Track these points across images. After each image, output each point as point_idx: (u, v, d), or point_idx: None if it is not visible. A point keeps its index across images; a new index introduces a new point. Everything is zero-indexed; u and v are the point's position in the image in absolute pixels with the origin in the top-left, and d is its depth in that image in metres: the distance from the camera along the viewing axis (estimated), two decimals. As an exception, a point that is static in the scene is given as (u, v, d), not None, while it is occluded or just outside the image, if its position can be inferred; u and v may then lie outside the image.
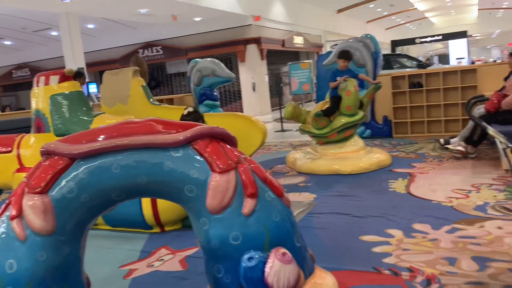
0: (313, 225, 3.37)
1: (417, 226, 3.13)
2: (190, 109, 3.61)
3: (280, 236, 1.98)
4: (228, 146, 2.06)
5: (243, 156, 2.08)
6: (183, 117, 3.52)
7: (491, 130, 2.65)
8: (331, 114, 5.19)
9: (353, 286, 2.32)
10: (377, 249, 2.79)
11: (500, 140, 2.55)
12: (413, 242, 2.85)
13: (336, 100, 5.13)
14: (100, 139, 1.91)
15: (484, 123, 2.76)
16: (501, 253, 2.55)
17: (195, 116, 3.50)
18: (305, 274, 2.04)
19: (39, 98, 3.67)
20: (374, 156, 5.11)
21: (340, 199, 3.97)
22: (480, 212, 3.24)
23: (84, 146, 1.87)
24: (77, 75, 4.18)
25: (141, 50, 16.33)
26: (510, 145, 2.48)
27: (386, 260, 2.61)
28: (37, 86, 3.71)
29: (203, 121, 3.44)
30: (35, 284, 1.80)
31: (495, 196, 3.60)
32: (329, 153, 5.26)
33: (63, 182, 1.85)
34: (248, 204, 1.93)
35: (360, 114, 5.20)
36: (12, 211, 1.84)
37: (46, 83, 3.65)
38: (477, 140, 5.16)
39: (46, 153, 1.93)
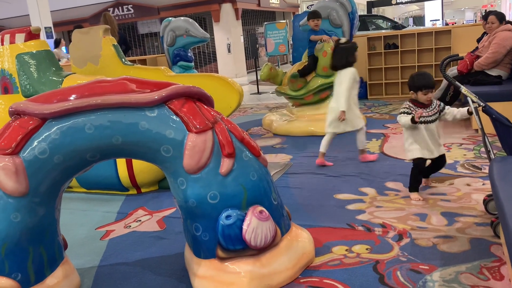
0: (289, 185, 3.42)
1: (390, 184, 3.22)
2: (343, 40, 3.90)
3: (257, 195, 2.00)
4: (205, 106, 2.04)
5: (219, 116, 2.06)
6: (338, 45, 3.78)
7: (463, 89, 2.69)
8: (307, 73, 5.17)
9: (328, 242, 2.39)
10: (351, 207, 2.86)
11: (472, 99, 2.60)
12: (386, 199, 2.94)
13: (314, 59, 5.10)
14: (71, 98, 1.85)
15: (457, 82, 2.80)
16: (468, 209, 2.66)
17: (353, 45, 3.78)
18: (282, 231, 2.09)
19: (4, 57, 3.49)
20: (349, 117, 5.16)
21: (315, 159, 4.02)
22: (450, 170, 3.35)
23: (56, 106, 1.82)
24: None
25: (111, 9, 15.69)
26: (482, 104, 2.53)
27: (360, 217, 2.69)
28: (2, 44, 3.53)
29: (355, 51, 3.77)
30: (10, 245, 1.79)
31: (464, 155, 3.72)
32: (305, 114, 5.28)
33: (35, 143, 1.80)
34: (226, 164, 1.93)
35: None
36: (-18, 173, 1.79)
37: (12, 42, 3.47)
38: (449, 100, 5.27)
39: (15, 113, 1.87)
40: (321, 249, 2.32)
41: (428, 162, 2.99)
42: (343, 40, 3.93)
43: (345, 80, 3.69)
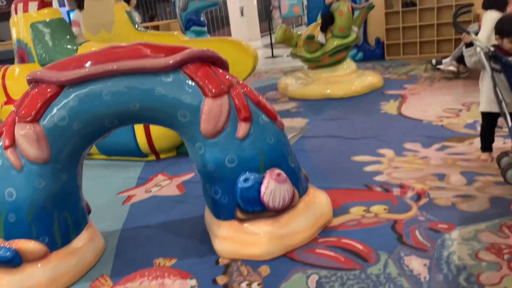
0: (306, 148, 3.42)
1: (408, 145, 3.19)
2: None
3: (275, 158, 2.01)
4: (220, 70, 2.02)
5: (235, 80, 2.04)
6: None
7: (473, 37, 2.53)
8: (326, 27, 5.05)
9: (345, 203, 2.41)
10: (368, 168, 2.86)
11: (479, 46, 2.45)
12: (404, 160, 2.92)
13: (329, 14, 4.97)
14: (87, 65, 1.85)
15: (466, 29, 2.64)
16: (488, 168, 2.63)
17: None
18: (300, 193, 2.11)
19: (19, 26, 3.50)
20: (366, 79, 5.07)
21: (332, 123, 4.00)
22: (469, 130, 3.30)
23: (72, 73, 1.83)
24: None
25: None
26: (491, 49, 2.38)
27: (378, 178, 2.69)
28: (15, 14, 3.53)
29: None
30: (36, 210, 1.85)
31: (485, 114, 3.64)
32: (321, 77, 5.20)
33: (54, 110, 1.83)
34: (242, 128, 1.93)
35: (353, 35, 5.08)
36: (5, 141, 1.84)
37: (25, 11, 3.47)
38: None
39: (33, 81, 1.89)
40: (339, 210, 2.33)
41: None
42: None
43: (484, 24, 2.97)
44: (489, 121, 2.65)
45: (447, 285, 1.67)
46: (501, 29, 2.43)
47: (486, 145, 2.72)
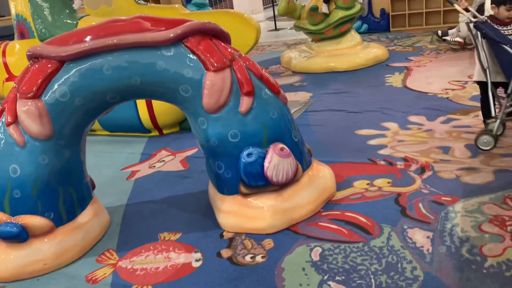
0: (310, 122, 3.40)
1: (412, 118, 3.16)
2: None
3: (278, 132, 2.00)
4: (222, 43, 1.99)
5: (237, 53, 2.01)
6: None
7: (456, 6, 2.50)
8: (327, 0, 4.95)
9: (349, 177, 2.41)
10: (372, 142, 2.85)
11: (465, 15, 2.44)
12: (408, 133, 2.91)
13: None
14: (87, 39, 1.83)
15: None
16: (493, 141, 2.61)
17: None
18: (303, 167, 2.11)
19: (18, 1, 3.46)
20: (371, 51, 5.00)
21: (336, 96, 3.97)
22: (475, 102, 3.26)
23: (72, 48, 1.80)
24: None
25: None
26: (472, 20, 2.37)
27: (382, 152, 2.68)
28: (14, -12, 3.47)
29: None
30: (41, 186, 1.86)
31: (491, 86, 3.59)
32: (324, 50, 5.13)
33: (55, 86, 1.82)
34: (245, 103, 1.92)
35: (357, 7, 4.97)
36: (8, 118, 1.83)
37: (23, -16, 3.42)
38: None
39: (33, 57, 1.87)
40: (342, 184, 2.34)
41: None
42: None
43: None
44: (484, 91, 2.59)
45: (449, 256, 1.68)
46: None
47: (485, 115, 2.69)
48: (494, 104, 2.51)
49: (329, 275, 1.67)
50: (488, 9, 2.54)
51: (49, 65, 1.82)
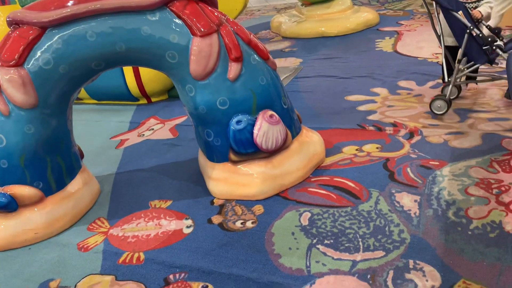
0: (300, 89, 3.38)
1: (402, 83, 3.15)
2: None
3: (267, 99, 1.98)
4: (208, 7, 1.94)
5: (224, 17, 1.97)
6: None
7: None
8: None
9: (338, 143, 2.42)
10: (362, 108, 2.84)
11: None
12: (398, 98, 2.91)
13: None
14: (69, 4, 1.77)
15: None
16: (482, 104, 2.63)
17: None
18: (293, 134, 2.11)
19: (-4, -35, 3.32)
20: (362, 16, 4.92)
21: (326, 62, 3.93)
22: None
23: (54, 13, 1.75)
24: None
25: None
26: None
27: (371, 117, 2.68)
28: (-9, -50, 3.33)
29: None
30: (28, 155, 1.84)
31: (481, 50, 3.58)
32: (315, 14, 5.05)
33: (38, 53, 1.77)
34: (233, 69, 1.89)
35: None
36: (-10, 87, 1.79)
37: None
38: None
39: (14, 23, 1.81)
40: (331, 150, 2.35)
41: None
42: None
43: None
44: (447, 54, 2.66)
45: (436, 219, 1.71)
46: None
47: (442, 79, 2.71)
48: (448, 69, 2.60)
49: (318, 238, 1.70)
50: None
51: (31, 32, 1.76)
